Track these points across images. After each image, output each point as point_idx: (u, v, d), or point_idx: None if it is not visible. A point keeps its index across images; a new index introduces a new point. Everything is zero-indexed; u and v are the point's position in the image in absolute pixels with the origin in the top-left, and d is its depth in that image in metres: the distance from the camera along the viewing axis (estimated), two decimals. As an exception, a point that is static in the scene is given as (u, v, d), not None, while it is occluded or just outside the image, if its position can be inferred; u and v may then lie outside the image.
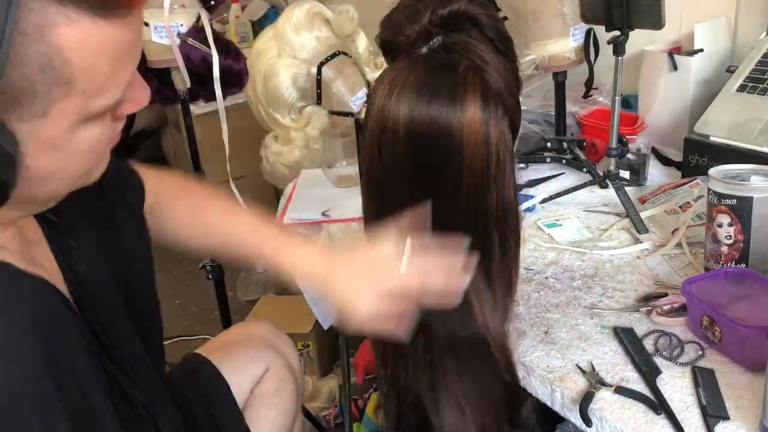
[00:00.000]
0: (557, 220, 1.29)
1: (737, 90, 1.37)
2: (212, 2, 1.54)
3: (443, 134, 0.76)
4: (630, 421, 0.80)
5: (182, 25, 1.48)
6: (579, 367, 0.90)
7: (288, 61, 1.52)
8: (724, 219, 0.99)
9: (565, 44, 1.43)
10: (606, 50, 1.32)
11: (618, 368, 0.89)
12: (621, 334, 0.94)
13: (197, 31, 1.49)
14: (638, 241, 1.19)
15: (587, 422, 0.83)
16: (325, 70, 1.53)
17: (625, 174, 1.40)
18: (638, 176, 1.40)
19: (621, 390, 0.84)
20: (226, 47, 1.53)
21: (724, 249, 1.00)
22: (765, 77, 1.34)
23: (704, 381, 0.85)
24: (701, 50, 1.51)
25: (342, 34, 1.57)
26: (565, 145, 1.52)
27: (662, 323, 0.96)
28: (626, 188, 1.32)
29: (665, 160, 1.51)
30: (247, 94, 1.61)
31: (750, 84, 1.35)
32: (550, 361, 0.92)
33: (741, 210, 0.97)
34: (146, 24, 1.47)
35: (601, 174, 1.37)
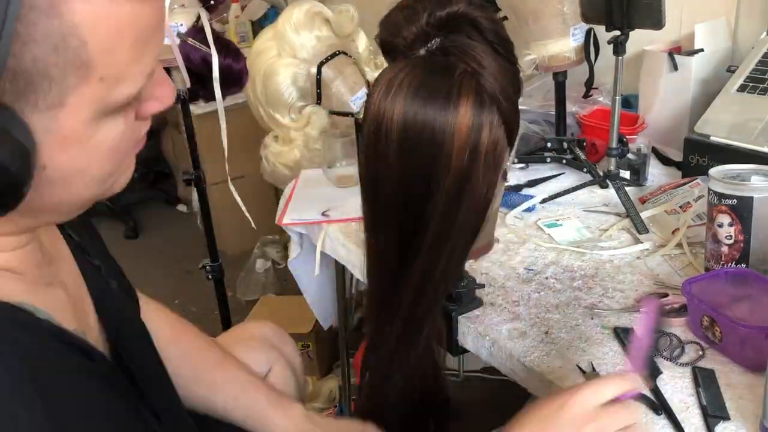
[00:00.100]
0: (557, 220, 1.29)
1: (737, 90, 1.37)
2: (212, 2, 1.54)
3: (434, 137, 0.76)
4: (630, 422, 0.80)
5: (182, 25, 1.48)
6: (579, 367, 0.90)
7: (288, 61, 1.52)
8: (725, 219, 0.99)
9: (565, 44, 1.42)
10: (606, 50, 1.32)
11: (618, 368, 0.89)
12: (621, 335, 0.94)
13: (197, 31, 1.49)
14: (638, 242, 1.19)
15: (587, 422, 0.83)
16: (325, 70, 1.53)
17: (626, 174, 1.39)
18: (638, 176, 1.40)
19: (621, 390, 0.84)
20: (226, 47, 1.53)
21: (725, 249, 1.00)
22: (765, 77, 1.34)
23: (704, 381, 0.85)
24: (701, 50, 1.51)
25: (342, 34, 1.57)
26: (565, 145, 1.52)
27: (662, 323, 0.96)
28: (626, 188, 1.31)
29: (665, 160, 1.51)
30: (247, 94, 1.61)
31: (750, 84, 1.35)
32: (550, 361, 0.92)
33: (741, 210, 0.97)
34: (146, 24, 1.47)
35: (602, 174, 1.37)
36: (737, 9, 1.53)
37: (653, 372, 0.87)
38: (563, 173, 1.49)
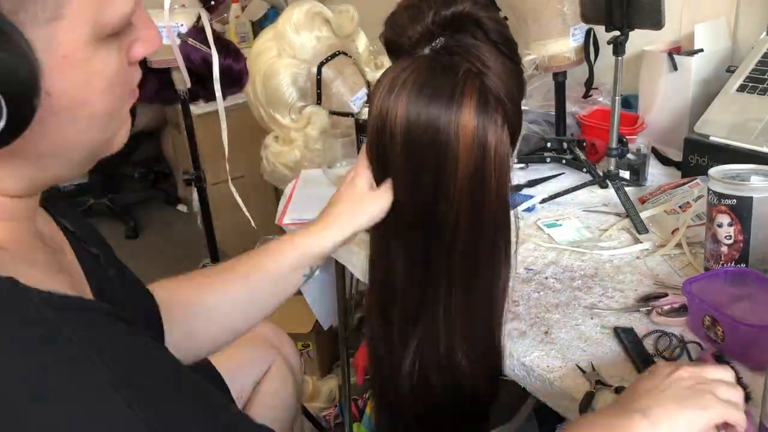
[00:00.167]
0: (557, 220, 1.29)
1: (737, 90, 1.37)
2: (212, 2, 1.54)
3: (439, 137, 0.77)
4: (630, 421, 0.80)
5: (182, 25, 1.48)
6: (579, 367, 0.90)
7: (288, 61, 1.52)
8: (724, 219, 0.99)
9: (565, 44, 1.43)
10: (606, 50, 1.32)
11: (618, 368, 0.89)
12: (621, 335, 0.94)
13: (197, 32, 1.50)
14: (638, 241, 1.19)
15: (587, 422, 0.83)
16: (325, 70, 1.53)
17: (625, 174, 1.40)
18: (638, 176, 1.40)
19: (621, 390, 0.84)
20: (226, 47, 1.54)
21: (724, 249, 1.00)
22: (765, 77, 1.34)
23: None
24: (701, 50, 1.51)
25: (342, 34, 1.57)
26: (565, 145, 1.52)
27: (662, 323, 0.96)
28: (626, 188, 1.31)
29: (665, 160, 1.51)
30: (247, 94, 1.61)
31: (750, 84, 1.36)
32: (550, 361, 0.92)
33: (741, 210, 0.97)
34: (146, 24, 1.47)
35: (601, 174, 1.37)
36: (737, 9, 1.53)
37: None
38: (563, 173, 1.49)
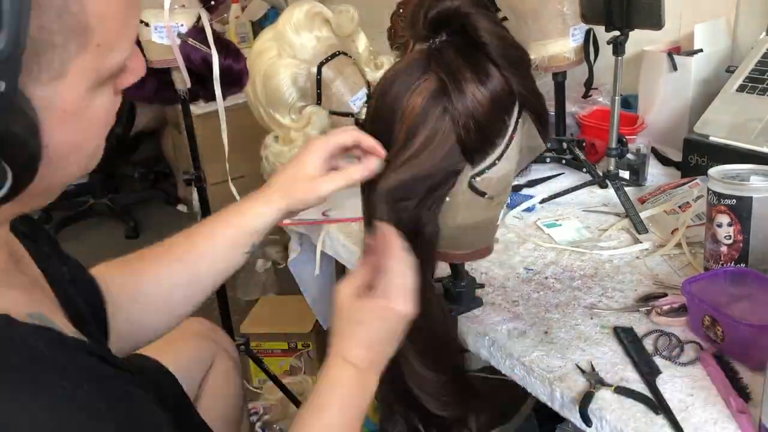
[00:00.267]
0: (557, 220, 1.29)
1: (737, 90, 1.37)
2: (212, 2, 1.54)
3: (395, 105, 0.81)
4: (630, 421, 0.80)
5: (182, 26, 1.48)
6: (579, 367, 0.90)
7: (288, 61, 1.52)
8: (724, 219, 0.99)
9: (565, 44, 1.42)
10: (606, 50, 1.32)
11: (618, 368, 0.89)
12: (621, 334, 0.94)
13: (197, 32, 1.49)
14: (638, 241, 1.19)
15: (587, 422, 0.83)
16: (325, 70, 1.53)
17: (625, 174, 1.40)
18: (638, 176, 1.40)
19: (621, 390, 0.84)
20: (226, 47, 1.53)
21: (724, 249, 1.00)
22: (765, 77, 1.34)
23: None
24: (701, 50, 1.51)
25: (342, 34, 1.57)
26: (565, 145, 1.52)
27: (662, 323, 0.96)
28: (626, 188, 1.32)
29: (665, 160, 1.51)
30: (247, 94, 1.61)
31: (750, 84, 1.36)
32: (550, 361, 0.92)
33: (740, 210, 0.97)
34: (146, 24, 1.48)
35: (601, 174, 1.37)
36: (737, 9, 1.53)
37: (653, 372, 0.87)
38: (563, 173, 1.49)
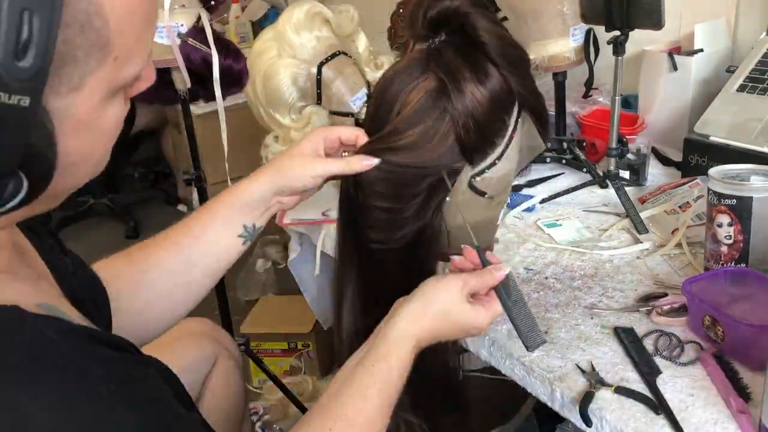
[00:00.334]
0: (557, 220, 1.29)
1: (737, 90, 1.37)
2: (212, 2, 1.54)
3: (394, 99, 0.82)
4: (630, 421, 0.80)
5: (182, 26, 1.48)
6: (579, 367, 0.90)
7: (288, 61, 1.51)
8: (724, 219, 0.99)
9: (565, 44, 1.42)
10: (606, 50, 1.32)
11: (618, 368, 0.89)
12: (621, 334, 0.94)
13: (197, 32, 1.49)
14: (638, 241, 1.19)
15: (587, 422, 0.83)
16: (325, 70, 1.53)
17: (625, 174, 1.40)
18: (638, 176, 1.40)
19: (621, 390, 0.84)
20: (226, 47, 1.53)
21: (724, 249, 1.00)
22: (765, 77, 1.34)
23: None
24: (701, 50, 1.51)
25: (342, 34, 1.57)
26: (565, 145, 1.52)
27: (662, 323, 0.96)
28: (626, 188, 1.31)
29: (665, 160, 1.51)
30: (247, 94, 1.61)
31: (750, 84, 1.36)
32: (550, 361, 0.92)
33: (741, 210, 0.97)
34: (146, 24, 1.47)
35: (601, 174, 1.37)
36: (737, 9, 1.53)
37: (653, 372, 0.87)
38: (563, 173, 1.49)
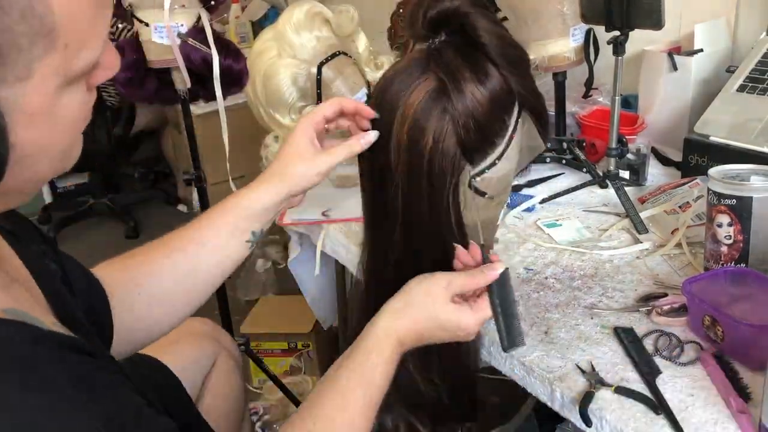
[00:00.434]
0: (557, 220, 1.29)
1: (737, 90, 1.37)
2: (212, 2, 1.54)
3: (393, 103, 0.81)
4: (630, 421, 0.80)
5: (182, 25, 1.48)
6: (579, 367, 0.90)
7: (288, 61, 1.51)
8: (724, 219, 0.99)
9: (565, 44, 1.42)
10: (606, 50, 1.32)
11: (618, 368, 0.89)
12: (621, 334, 0.94)
13: (197, 32, 1.49)
14: (638, 241, 1.19)
15: (587, 422, 0.83)
16: (325, 70, 1.53)
17: (625, 174, 1.40)
18: (638, 176, 1.40)
19: (621, 390, 0.84)
20: (226, 47, 1.53)
21: (724, 249, 1.00)
22: (765, 77, 1.34)
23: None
24: (701, 50, 1.51)
25: (342, 34, 1.57)
26: (565, 145, 1.52)
27: (662, 323, 0.96)
28: (626, 188, 1.31)
29: (665, 160, 1.51)
30: (247, 94, 1.61)
31: (750, 84, 1.35)
32: (550, 361, 0.92)
33: (741, 210, 0.97)
34: (146, 24, 1.48)
35: (601, 174, 1.37)
36: (737, 9, 1.53)
37: (653, 372, 0.87)
38: (563, 173, 1.49)
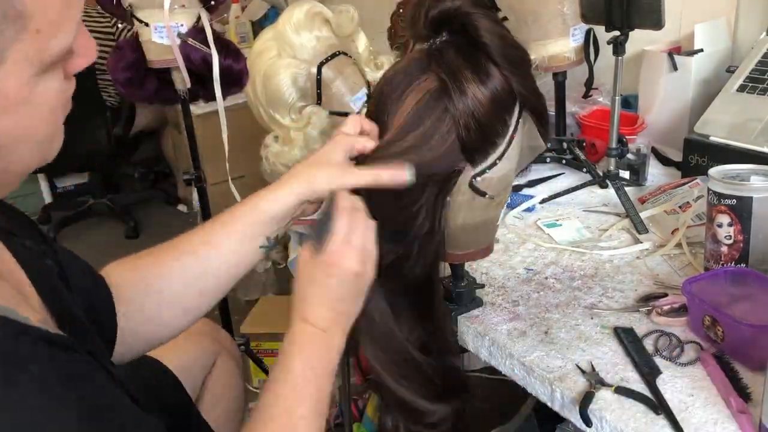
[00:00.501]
0: (557, 220, 1.29)
1: (737, 90, 1.37)
2: (212, 2, 1.54)
3: (389, 109, 0.83)
4: (630, 421, 0.80)
5: (182, 25, 1.48)
6: (579, 367, 0.90)
7: (288, 61, 1.51)
8: (724, 219, 0.99)
9: (565, 44, 1.42)
10: (606, 50, 1.32)
11: (618, 368, 0.89)
12: (621, 334, 0.94)
13: (197, 32, 1.50)
14: (638, 241, 1.19)
15: (587, 422, 0.83)
16: (325, 70, 1.53)
17: (625, 174, 1.40)
18: (638, 176, 1.40)
19: (621, 390, 0.84)
20: (226, 47, 1.54)
21: (724, 249, 1.00)
22: (765, 77, 1.34)
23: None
24: (701, 50, 1.51)
25: (342, 34, 1.57)
26: (565, 145, 1.52)
27: (662, 323, 0.96)
28: (626, 188, 1.31)
29: (665, 160, 1.51)
30: (247, 94, 1.61)
31: (750, 84, 1.35)
32: (550, 361, 0.92)
33: (741, 210, 0.97)
34: (146, 24, 1.48)
35: (601, 174, 1.37)
36: (737, 9, 1.53)
37: (653, 372, 0.87)
38: (563, 173, 1.49)
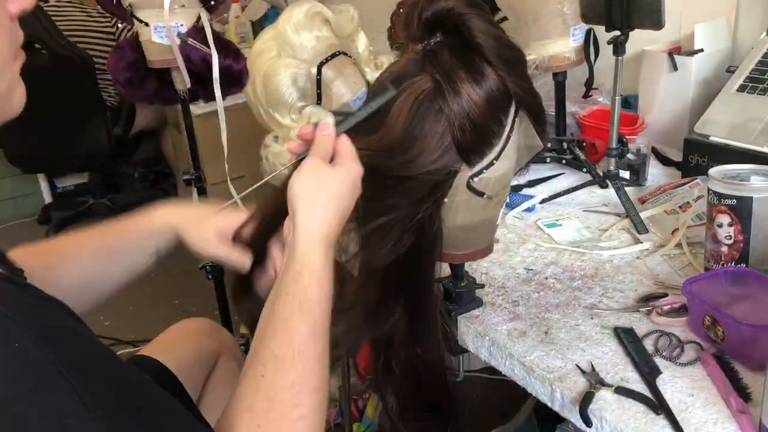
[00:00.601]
0: (557, 220, 1.29)
1: (737, 90, 1.37)
2: (212, 2, 1.54)
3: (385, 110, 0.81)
4: (630, 422, 0.80)
5: (182, 25, 1.48)
6: (579, 368, 0.90)
7: (288, 61, 1.51)
8: (724, 219, 0.99)
9: (565, 44, 1.42)
10: (606, 50, 1.32)
11: (618, 368, 0.89)
12: (621, 335, 0.94)
13: (197, 31, 1.50)
14: (638, 242, 1.19)
15: (587, 422, 0.83)
16: (325, 70, 1.53)
17: (625, 174, 1.40)
18: (638, 176, 1.40)
19: (621, 390, 0.84)
20: (226, 47, 1.54)
21: (724, 249, 1.00)
22: (765, 77, 1.34)
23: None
24: (701, 50, 1.51)
25: (342, 34, 1.56)
26: (565, 145, 1.52)
27: (662, 323, 0.96)
28: (626, 188, 1.31)
29: (665, 160, 1.51)
30: (247, 94, 1.61)
31: (750, 84, 1.35)
32: (550, 361, 0.92)
33: (741, 210, 0.97)
34: (146, 24, 1.48)
35: (601, 174, 1.37)
36: (737, 9, 1.53)
37: (653, 372, 0.87)
38: (563, 173, 1.49)
